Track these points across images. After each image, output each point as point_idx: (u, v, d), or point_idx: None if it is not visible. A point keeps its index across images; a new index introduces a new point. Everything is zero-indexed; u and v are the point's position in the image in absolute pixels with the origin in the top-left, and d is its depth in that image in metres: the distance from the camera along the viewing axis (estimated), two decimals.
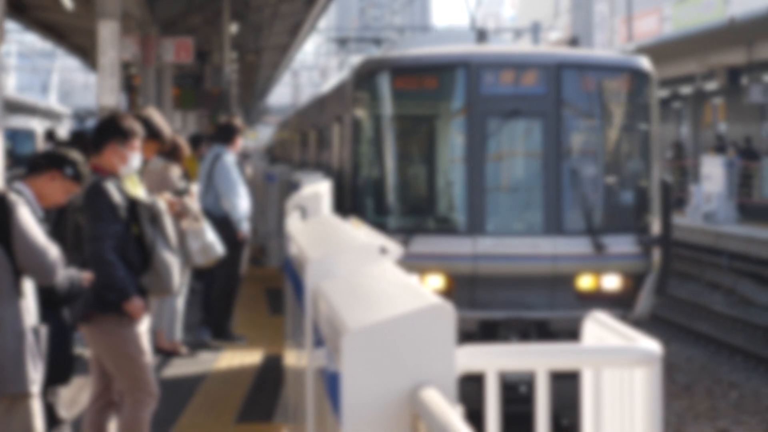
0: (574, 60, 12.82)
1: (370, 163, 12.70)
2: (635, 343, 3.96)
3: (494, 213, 12.25)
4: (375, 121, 12.69)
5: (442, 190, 12.53)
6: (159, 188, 10.76)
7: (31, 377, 6.22)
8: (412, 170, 12.81)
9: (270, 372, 11.49)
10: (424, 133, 12.85)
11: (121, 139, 7.36)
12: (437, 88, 12.63)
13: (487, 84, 12.39)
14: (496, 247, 12.08)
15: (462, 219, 12.23)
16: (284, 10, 36.20)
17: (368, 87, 12.76)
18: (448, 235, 12.17)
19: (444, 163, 12.63)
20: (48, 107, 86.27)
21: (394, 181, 12.59)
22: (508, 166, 12.65)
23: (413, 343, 3.51)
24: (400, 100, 12.66)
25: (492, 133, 12.37)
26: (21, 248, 6.15)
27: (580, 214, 12.40)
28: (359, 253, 5.22)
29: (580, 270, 12.23)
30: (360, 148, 12.77)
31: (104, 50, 18.41)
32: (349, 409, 3.50)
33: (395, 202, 12.56)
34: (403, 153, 12.76)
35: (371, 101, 12.73)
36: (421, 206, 12.64)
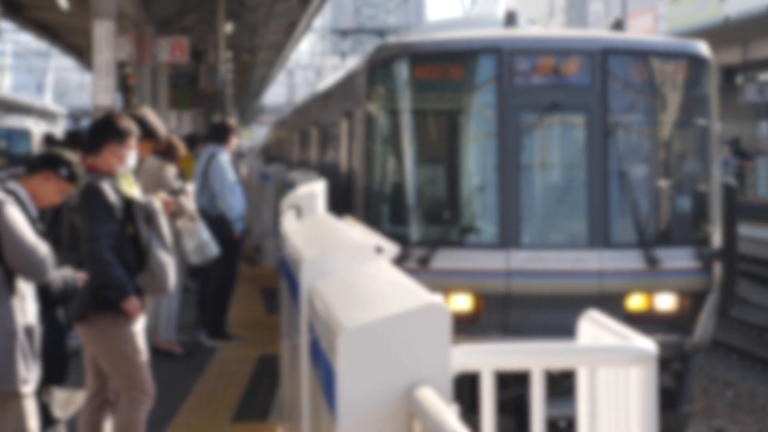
0: (622, 45, 11.30)
1: (386, 164, 11.22)
2: (630, 342, 3.96)
3: (530, 223, 10.82)
4: (392, 117, 11.17)
5: (469, 197, 11.02)
6: (155, 188, 10.76)
7: (22, 377, 6.21)
8: (435, 173, 11.35)
9: (265, 371, 11.49)
10: (449, 131, 11.33)
11: (118, 139, 7.36)
12: (464, 78, 11.11)
13: (522, 73, 10.94)
14: (533, 263, 10.66)
15: (493, 230, 10.78)
16: (279, 10, 36.19)
17: (384, 77, 11.24)
18: (477, 249, 10.72)
19: (472, 165, 11.20)
20: (43, 107, 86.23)
21: (415, 186, 11.08)
22: (547, 168, 11.17)
23: (409, 342, 3.51)
24: (421, 92, 11.14)
25: (527, 130, 10.94)
26: (9, 247, 6.15)
27: (630, 224, 10.93)
28: (354, 252, 5.22)
29: (630, 288, 10.77)
30: (374, 147, 11.29)
31: (99, 50, 18.41)
32: (344, 408, 3.50)
33: (415, 210, 11.04)
34: (425, 153, 11.25)
35: (388, 93, 11.21)
36: (445, 215, 11.12)
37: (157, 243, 7.31)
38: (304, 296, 5.40)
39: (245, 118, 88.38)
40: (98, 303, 7.24)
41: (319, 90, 21.96)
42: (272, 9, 35.63)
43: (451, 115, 11.32)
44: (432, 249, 10.62)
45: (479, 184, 10.96)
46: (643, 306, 10.80)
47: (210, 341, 12.92)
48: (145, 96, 26.77)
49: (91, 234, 7.18)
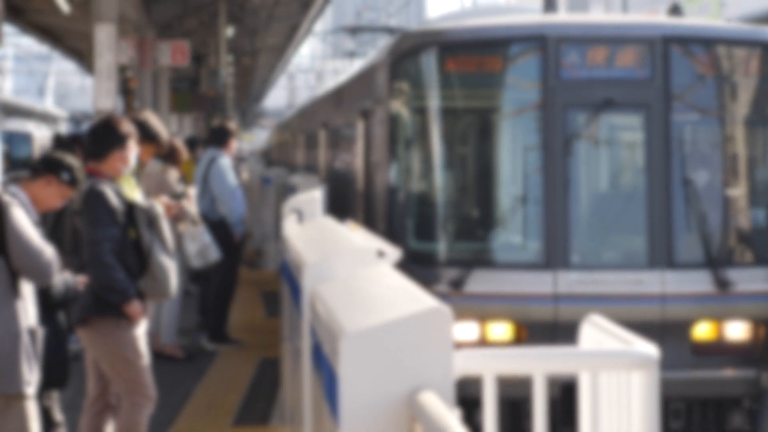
0: (687, 32, 9.79)
1: (411, 171, 9.83)
2: (632, 346, 3.96)
3: (581, 239, 9.44)
4: (418, 117, 9.81)
5: (509, 209, 9.58)
6: (157, 191, 10.76)
7: (26, 378, 6.22)
8: (469, 181, 9.89)
9: (266, 375, 11.49)
10: (485, 132, 9.94)
11: (121, 144, 7.38)
12: (502, 71, 9.73)
13: (571, 65, 9.54)
14: (584, 285, 9.27)
15: (538, 247, 9.38)
16: (280, 13, 36.20)
17: (409, 70, 9.87)
18: (519, 269, 9.36)
19: (512, 171, 9.74)
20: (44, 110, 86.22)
21: (445, 196, 9.67)
22: (600, 175, 9.91)
23: (411, 346, 3.51)
24: (453, 87, 9.72)
25: (577, 131, 9.53)
26: (16, 249, 6.15)
27: (697, 241, 9.52)
28: (356, 256, 5.23)
29: (696, 315, 9.36)
30: (397, 151, 9.93)
31: (101, 53, 18.41)
32: (347, 412, 3.50)
33: (446, 224, 9.63)
34: (457, 158, 9.86)
35: (414, 90, 9.85)
36: (481, 230, 9.70)
37: (158, 247, 7.31)
38: (306, 300, 5.41)
39: (246, 121, 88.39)
40: (100, 306, 7.24)
41: (329, 88, 19.76)
42: (273, 12, 35.64)
43: (488, 115, 9.97)
44: (466, 269, 9.25)
45: (521, 193, 9.54)
46: (712, 335, 9.41)
47: (211, 345, 12.92)
48: (146, 99, 26.78)
49: (93, 238, 7.18)
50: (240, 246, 13.24)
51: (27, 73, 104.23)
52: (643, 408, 3.95)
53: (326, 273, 5.21)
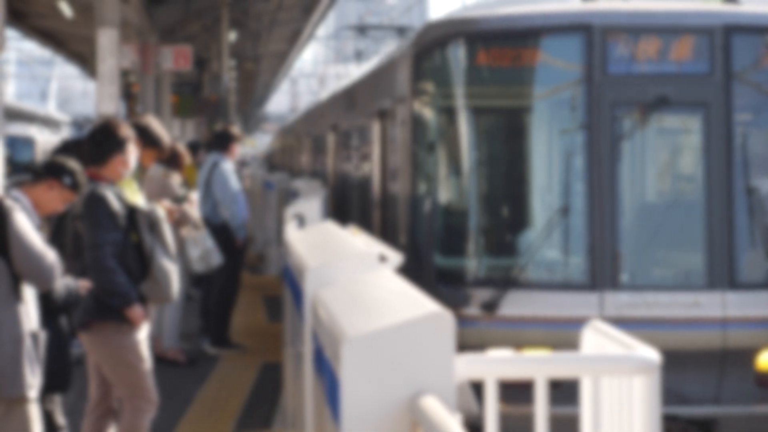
0: (751, 21, 8.66)
1: (438, 178, 8.81)
2: (634, 351, 3.97)
3: (631, 256, 8.46)
4: (446, 117, 8.80)
5: (550, 222, 8.49)
6: (159, 196, 10.77)
7: (29, 382, 6.23)
8: (505, 190, 8.91)
9: (268, 379, 11.49)
10: (522, 135, 8.88)
11: (121, 148, 7.39)
12: (541, 64, 8.70)
13: (619, 58, 8.53)
14: (635, 308, 8.27)
15: (582, 265, 8.42)
16: (283, 18, 36.24)
17: (436, 64, 8.85)
18: (561, 290, 8.38)
19: (553, 179, 8.71)
20: (47, 115, 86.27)
21: (477, 207, 8.69)
22: (652, 184, 8.90)
23: (412, 350, 3.52)
24: (485, 83, 8.74)
25: (626, 133, 8.51)
26: (18, 253, 6.16)
27: (763, 258, 8.51)
28: (358, 261, 5.23)
29: (762, 342, 8.32)
30: (422, 156, 8.93)
31: (103, 58, 18.44)
32: (348, 417, 3.51)
33: (479, 238, 8.63)
34: (491, 164, 8.83)
35: (441, 86, 8.84)
36: (518, 246, 8.60)
37: (160, 251, 7.31)
38: (308, 305, 5.41)
39: (248, 126, 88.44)
40: (102, 311, 7.25)
41: (339, 89, 18.39)
42: (276, 17, 35.67)
43: (524, 115, 8.89)
44: (501, 290, 8.29)
45: (563, 204, 8.52)
46: None
47: (213, 349, 12.92)
48: (149, 104, 26.80)
49: (94, 242, 7.19)
50: (242, 250, 13.24)
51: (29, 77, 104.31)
52: (645, 413, 3.95)
53: (328, 278, 5.22)
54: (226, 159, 13.09)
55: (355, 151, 14.08)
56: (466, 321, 8.25)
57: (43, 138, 51.66)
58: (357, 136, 13.88)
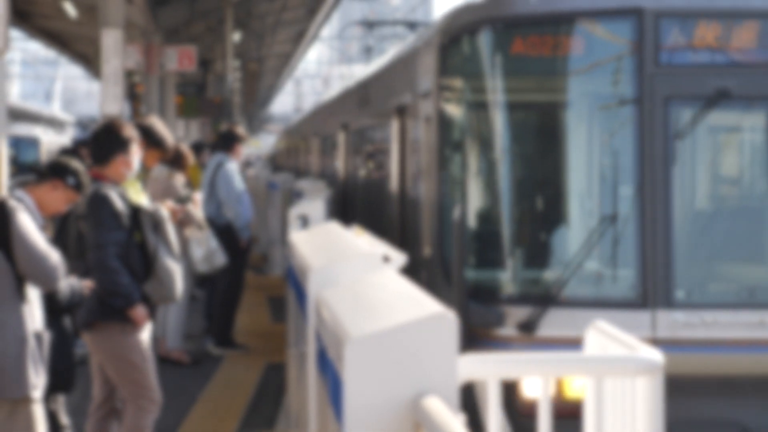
0: None
1: (468, 182, 7.86)
2: (637, 352, 3.97)
3: (688, 270, 7.55)
4: (477, 114, 7.85)
5: (595, 231, 7.53)
6: (163, 196, 10.78)
7: (33, 382, 6.24)
8: (545, 196, 7.96)
9: (272, 380, 11.49)
10: (564, 134, 7.87)
11: (124, 148, 7.39)
12: (585, 53, 7.67)
13: (674, 47, 7.56)
14: (692, 329, 7.35)
15: (631, 279, 7.52)
16: (287, 19, 36.25)
17: (465, 54, 7.90)
18: (608, 308, 7.38)
19: (599, 184, 7.77)
20: (51, 115, 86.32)
21: (512, 215, 7.73)
22: (712, 188, 7.96)
23: (415, 351, 3.52)
24: (522, 75, 7.82)
25: (683, 131, 7.57)
26: (22, 253, 6.17)
27: None
28: (361, 262, 5.24)
29: None
30: (449, 157, 8.07)
31: (108, 58, 18.44)
32: (351, 417, 3.51)
33: (515, 249, 7.68)
34: (527, 167, 7.90)
35: (471, 79, 7.89)
36: (558, 258, 7.68)
37: (164, 251, 7.32)
38: (312, 305, 5.41)
39: (253, 126, 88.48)
40: (105, 311, 7.25)
41: (350, 85, 17.05)
42: (280, 18, 35.69)
43: (566, 111, 7.90)
44: (540, 308, 7.38)
45: (610, 211, 7.59)
46: None
47: (217, 350, 12.93)
48: (153, 105, 26.82)
49: (97, 242, 7.20)
50: (246, 251, 13.24)
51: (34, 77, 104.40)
52: (648, 414, 3.95)
53: (331, 278, 5.22)
54: (231, 159, 13.09)
55: (369, 152, 13.22)
56: (499, 343, 7.45)
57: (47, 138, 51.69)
58: (371, 136, 13.00)
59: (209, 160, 13.97)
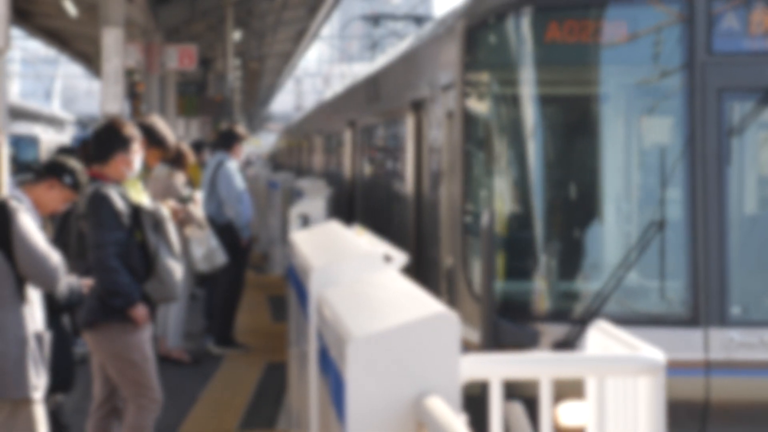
0: None
1: (497, 185, 7.12)
2: (639, 352, 3.96)
3: (745, 283, 6.79)
4: (508, 107, 7.10)
5: (639, 240, 6.80)
6: (163, 195, 10.77)
7: (33, 383, 6.23)
8: (584, 200, 7.16)
9: (272, 379, 11.49)
10: (606, 130, 7.11)
11: (124, 147, 7.38)
12: (629, 41, 6.93)
13: (728, 33, 6.81)
14: (749, 349, 6.58)
15: (681, 294, 6.80)
16: (287, 18, 36.25)
17: (495, 41, 7.10)
18: (654, 326, 6.68)
19: (645, 187, 7.07)
20: (51, 114, 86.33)
21: (549, 221, 7.06)
22: None
23: (418, 351, 3.51)
24: (557, 64, 7.05)
25: (738, 127, 6.81)
26: (22, 254, 6.16)
27: None
28: (363, 261, 5.23)
29: None
30: (476, 156, 7.21)
31: (108, 57, 18.44)
32: (353, 417, 3.51)
33: (551, 260, 6.95)
34: (562, 168, 7.11)
35: (501, 69, 7.13)
36: (601, 270, 6.89)
37: (164, 250, 7.32)
38: (313, 305, 5.41)
39: (253, 125, 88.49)
40: (106, 311, 7.25)
41: (358, 80, 16.05)
42: (280, 17, 35.69)
43: (608, 104, 7.15)
44: (578, 326, 6.61)
45: (657, 218, 6.86)
46: None
47: (217, 349, 12.93)
48: (153, 103, 26.82)
49: (98, 241, 7.19)
50: (247, 250, 13.24)
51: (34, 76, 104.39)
52: (650, 414, 3.95)
53: (333, 278, 5.22)
54: (231, 158, 13.09)
55: (379, 151, 12.45)
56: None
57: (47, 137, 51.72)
58: (382, 133, 12.17)
59: (210, 159, 13.97)
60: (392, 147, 11.27)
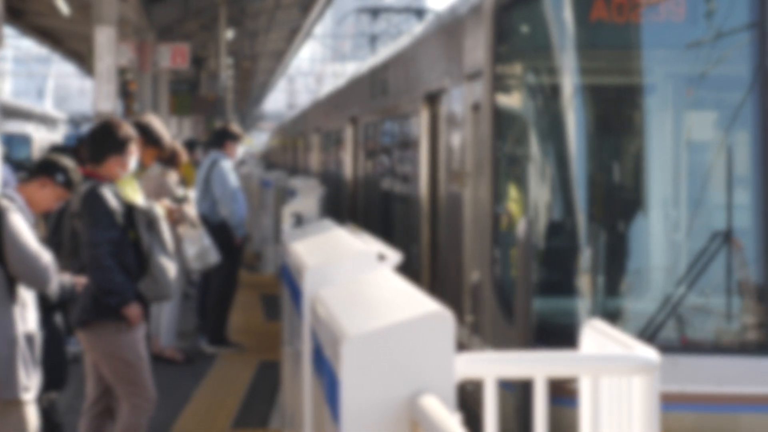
0: None
1: (536, 189, 6.18)
2: (633, 351, 3.96)
3: None
4: (546, 98, 6.17)
5: (707, 253, 5.86)
6: (156, 194, 10.77)
7: (23, 384, 6.22)
8: (635, 207, 6.14)
9: (265, 378, 11.49)
10: (663, 124, 6.12)
11: (119, 149, 7.37)
12: (690, 20, 5.97)
13: None
14: None
15: (755, 317, 5.83)
16: (280, 17, 36.22)
17: (529, 22, 6.18)
18: (724, 356, 5.77)
19: (708, 191, 6.08)
20: (43, 113, 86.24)
21: (597, 231, 6.05)
22: None
23: (412, 349, 3.51)
24: (604, 48, 6.16)
25: None
26: (12, 254, 6.15)
27: None
28: (357, 260, 5.23)
29: None
30: (509, 156, 6.29)
31: (101, 56, 18.42)
32: (348, 416, 3.50)
33: (599, 276, 5.99)
34: (614, 167, 6.22)
35: (536, 53, 6.19)
36: (658, 288, 5.97)
37: (158, 249, 7.31)
38: (307, 304, 5.40)
39: (245, 124, 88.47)
40: (100, 310, 7.24)
41: (359, 72, 15.05)
42: (273, 16, 35.66)
43: (663, 95, 6.16)
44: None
45: (725, 226, 5.92)
46: None
47: (211, 348, 12.92)
48: (146, 102, 26.79)
49: (92, 240, 7.18)
50: (241, 249, 13.24)
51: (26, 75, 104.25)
52: (644, 413, 3.95)
53: (327, 277, 5.21)
54: (226, 157, 13.08)
55: (385, 148, 11.37)
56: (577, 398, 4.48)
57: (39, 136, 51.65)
58: (388, 129, 11.10)
59: (204, 158, 13.96)
60: (400, 144, 10.21)
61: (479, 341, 5.70)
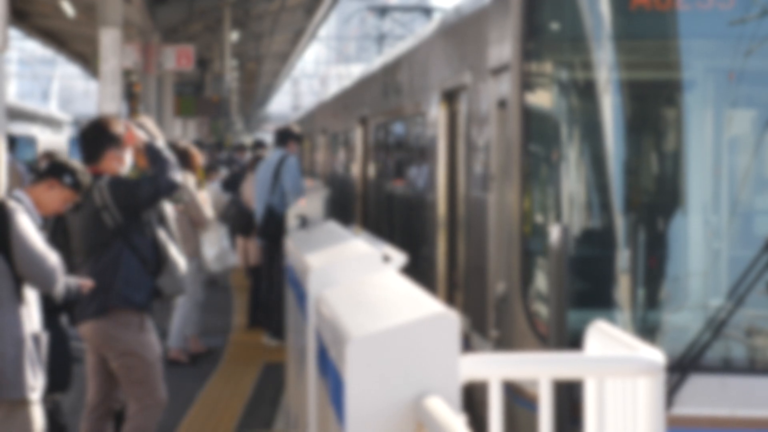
0: None
1: (568, 193, 5.71)
2: (638, 352, 3.96)
3: None
4: (582, 94, 5.72)
5: (755, 266, 5.34)
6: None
7: (30, 384, 6.23)
8: (679, 214, 5.64)
9: (270, 379, 11.49)
10: (710, 124, 5.65)
11: (115, 144, 7.37)
12: (741, 7, 5.49)
13: None
14: None
15: None
16: (285, 19, 36.23)
17: (563, 9, 5.69)
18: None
19: (761, 196, 5.66)
20: (48, 114, 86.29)
21: (635, 240, 5.56)
22: None
23: (417, 351, 3.51)
24: (647, 38, 5.64)
25: None
26: (20, 255, 6.16)
27: None
28: (362, 262, 5.23)
29: None
30: (539, 157, 5.83)
31: (105, 58, 18.45)
32: (353, 418, 3.50)
33: (640, 290, 5.54)
34: (655, 171, 5.71)
35: (571, 45, 5.70)
36: (700, 303, 5.51)
37: (171, 243, 7.39)
38: (312, 305, 5.40)
39: (250, 126, 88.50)
40: (122, 297, 7.21)
41: (369, 72, 14.62)
42: (278, 18, 35.67)
43: (713, 90, 5.69)
44: (676, 376, 5.29)
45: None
46: None
47: (273, 342, 13.09)
48: (151, 104, 26.81)
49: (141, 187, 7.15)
50: None
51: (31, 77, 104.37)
52: (649, 415, 3.94)
53: (332, 278, 5.21)
54: (291, 154, 13.47)
55: (398, 149, 11.02)
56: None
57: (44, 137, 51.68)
58: (402, 130, 10.73)
59: (270, 155, 14.31)
60: (415, 145, 9.77)
61: None
